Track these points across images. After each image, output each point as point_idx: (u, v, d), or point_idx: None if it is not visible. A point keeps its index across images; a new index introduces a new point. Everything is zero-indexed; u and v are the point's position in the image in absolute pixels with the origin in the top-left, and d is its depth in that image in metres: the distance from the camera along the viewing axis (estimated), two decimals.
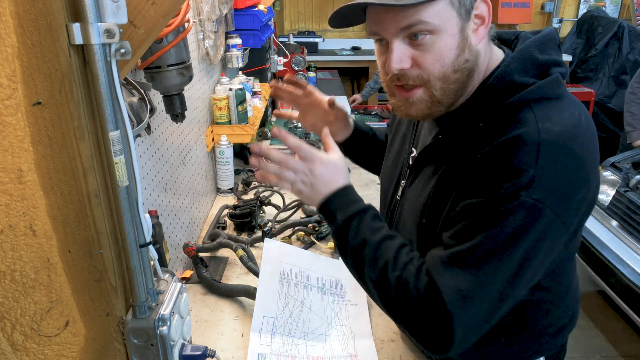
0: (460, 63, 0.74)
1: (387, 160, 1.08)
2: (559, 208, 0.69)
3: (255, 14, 2.00)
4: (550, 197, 0.68)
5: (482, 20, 0.74)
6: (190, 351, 0.76)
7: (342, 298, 1.20)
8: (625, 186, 2.35)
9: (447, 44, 0.72)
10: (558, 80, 0.73)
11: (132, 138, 0.62)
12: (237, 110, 1.83)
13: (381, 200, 1.09)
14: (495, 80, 0.74)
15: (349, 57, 4.57)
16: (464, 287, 0.70)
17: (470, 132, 0.76)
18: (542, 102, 0.72)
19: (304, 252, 1.29)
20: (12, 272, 0.48)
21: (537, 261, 0.71)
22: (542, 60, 0.75)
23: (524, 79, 0.73)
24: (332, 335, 1.10)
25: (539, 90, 0.72)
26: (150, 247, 0.69)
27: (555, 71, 0.74)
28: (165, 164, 1.25)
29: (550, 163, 0.68)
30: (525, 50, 0.75)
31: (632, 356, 2.37)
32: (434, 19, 0.70)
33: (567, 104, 0.74)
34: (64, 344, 0.56)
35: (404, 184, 0.94)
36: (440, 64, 0.73)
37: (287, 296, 1.14)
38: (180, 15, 0.93)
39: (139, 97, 0.93)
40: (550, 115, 0.71)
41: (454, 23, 0.71)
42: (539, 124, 0.69)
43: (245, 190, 1.95)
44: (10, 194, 0.47)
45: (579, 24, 4.95)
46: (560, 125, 0.69)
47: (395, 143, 1.04)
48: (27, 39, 0.48)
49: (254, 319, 1.10)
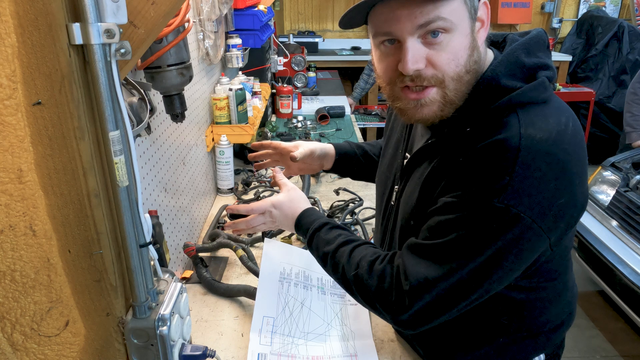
0: (472, 64, 0.74)
1: (381, 167, 1.09)
2: (534, 213, 0.69)
3: (255, 14, 2.00)
4: (525, 203, 0.68)
5: (482, 22, 0.74)
6: (190, 351, 0.76)
7: (342, 298, 1.20)
8: (625, 186, 2.35)
9: (462, 43, 0.71)
10: (544, 84, 0.73)
11: (132, 138, 0.62)
12: (237, 110, 1.83)
13: (377, 207, 1.10)
14: (483, 84, 0.74)
15: (349, 57, 4.58)
16: (430, 275, 0.74)
17: (459, 136, 0.77)
18: (528, 106, 0.72)
19: (304, 252, 1.29)
20: (12, 272, 0.48)
21: (508, 264, 0.72)
22: (529, 64, 0.74)
23: (511, 83, 0.73)
24: (332, 335, 1.10)
25: (524, 95, 0.72)
26: (150, 247, 0.69)
27: (541, 75, 0.74)
28: (165, 164, 1.25)
29: (527, 170, 0.67)
30: (512, 53, 0.75)
31: (631, 356, 2.37)
32: (452, 16, 0.69)
33: (554, 110, 0.74)
34: (64, 344, 0.56)
35: (397, 189, 0.95)
36: (455, 63, 0.72)
37: (287, 296, 1.14)
38: (180, 15, 0.93)
39: (139, 97, 0.93)
40: (535, 120, 0.70)
41: (466, 22, 0.71)
42: (521, 129, 0.69)
43: (245, 190, 1.95)
44: (10, 194, 0.47)
45: (579, 24, 4.95)
46: (543, 132, 0.69)
47: (389, 149, 1.05)
48: (27, 39, 0.48)
49: (253, 319, 1.10)
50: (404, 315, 0.76)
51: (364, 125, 3.89)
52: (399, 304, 0.76)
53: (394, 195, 0.97)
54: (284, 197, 1.03)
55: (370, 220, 1.67)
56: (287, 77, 3.12)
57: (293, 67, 3.25)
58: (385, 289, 0.78)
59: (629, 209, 2.26)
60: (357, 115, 3.75)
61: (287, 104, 2.89)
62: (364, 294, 0.83)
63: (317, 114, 2.88)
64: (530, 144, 0.68)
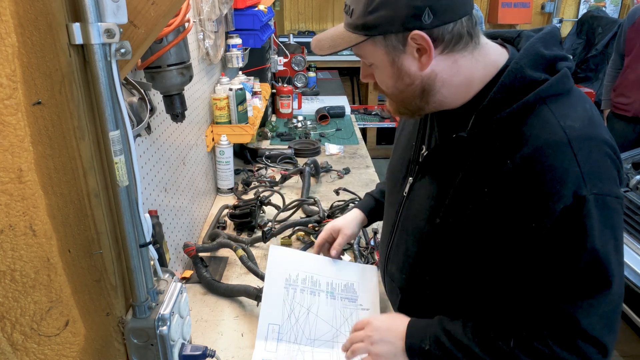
0: (402, 86, 0.82)
1: (393, 159, 1.09)
2: (614, 190, 0.73)
3: (255, 14, 2.00)
4: (604, 184, 0.71)
5: (423, 50, 0.77)
6: (190, 351, 0.76)
7: (354, 302, 1.17)
8: (625, 186, 2.35)
9: (382, 73, 0.82)
10: (567, 75, 0.77)
11: (132, 138, 0.62)
12: (237, 110, 1.83)
13: (387, 197, 1.09)
14: (508, 77, 0.77)
15: (349, 57, 4.57)
16: (602, 310, 0.73)
17: (489, 132, 0.78)
18: (555, 98, 0.76)
19: (314, 256, 1.25)
20: (12, 272, 0.48)
21: (621, 243, 0.76)
22: (549, 56, 0.78)
23: (536, 74, 0.76)
24: (340, 342, 1.08)
25: (552, 87, 0.75)
26: (150, 247, 0.69)
27: (562, 65, 0.78)
28: (165, 164, 1.25)
29: (587, 155, 0.71)
30: (532, 47, 0.78)
31: (631, 356, 2.37)
32: (367, 56, 0.82)
33: (578, 99, 0.78)
34: (63, 343, 0.56)
35: (412, 180, 0.95)
36: (384, 86, 0.84)
37: (293, 302, 1.13)
38: (180, 15, 0.93)
39: (139, 97, 0.93)
40: (567, 112, 0.75)
41: (382, 59, 0.80)
42: (560, 123, 0.73)
43: (245, 190, 1.95)
44: (10, 193, 0.47)
45: (579, 24, 4.95)
46: (578, 120, 0.74)
47: (401, 141, 1.06)
48: (27, 39, 0.48)
49: (259, 326, 1.09)
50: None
51: (364, 125, 3.89)
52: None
53: (407, 186, 0.96)
54: (376, 319, 0.96)
55: None
56: (287, 77, 3.12)
57: (293, 67, 3.25)
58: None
59: (629, 209, 2.25)
60: (357, 115, 3.75)
61: (287, 104, 2.89)
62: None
63: (317, 114, 2.88)
64: (575, 134, 0.72)
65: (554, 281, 0.74)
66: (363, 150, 2.47)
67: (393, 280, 1.01)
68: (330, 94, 3.49)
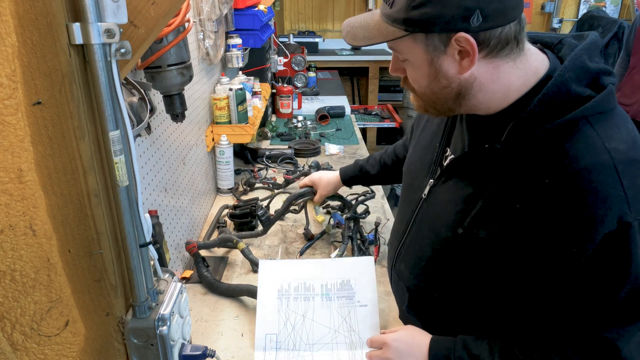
0: (436, 88, 0.78)
1: (413, 156, 1.05)
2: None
3: (255, 14, 2.00)
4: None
5: (466, 54, 0.73)
6: (190, 351, 0.76)
7: (351, 300, 1.17)
8: None
9: (417, 71, 0.78)
10: (612, 93, 0.74)
11: (132, 138, 0.62)
12: (237, 110, 1.83)
13: (403, 193, 1.06)
14: (551, 91, 0.72)
15: (349, 57, 4.57)
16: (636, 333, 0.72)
17: (525, 146, 0.74)
18: (599, 117, 0.72)
19: (305, 262, 1.26)
20: (12, 272, 0.48)
21: None
22: (594, 69, 0.74)
23: (580, 90, 0.72)
24: (339, 343, 1.09)
25: (597, 106, 0.72)
26: (150, 247, 0.69)
27: (607, 81, 0.74)
28: (165, 164, 1.25)
29: (633, 179, 0.68)
30: (577, 58, 0.74)
31: None
32: (403, 51, 0.78)
33: (620, 118, 0.75)
34: (63, 343, 0.56)
35: (432, 182, 0.92)
36: (417, 84, 0.80)
37: (288, 311, 1.13)
38: (180, 15, 0.93)
39: (139, 97, 0.93)
40: (611, 134, 0.71)
41: (420, 57, 0.76)
42: (605, 144, 0.70)
43: (245, 190, 1.95)
44: (10, 193, 0.47)
45: (579, 24, 4.94)
46: (623, 143, 0.71)
47: (424, 139, 1.02)
48: (27, 39, 0.48)
49: (256, 338, 1.10)
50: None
51: (364, 125, 3.89)
52: None
53: (427, 188, 0.93)
54: (393, 337, 0.95)
55: (373, 215, 1.66)
56: (287, 77, 3.12)
57: (293, 67, 3.25)
58: None
59: None
60: (357, 115, 3.75)
61: (287, 104, 2.89)
62: None
63: (317, 114, 2.88)
64: (620, 157, 0.69)
65: (594, 307, 0.71)
66: (363, 150, 2.47)
67: (401, 278, 0.99)
68: (330, 94, 3.48)
